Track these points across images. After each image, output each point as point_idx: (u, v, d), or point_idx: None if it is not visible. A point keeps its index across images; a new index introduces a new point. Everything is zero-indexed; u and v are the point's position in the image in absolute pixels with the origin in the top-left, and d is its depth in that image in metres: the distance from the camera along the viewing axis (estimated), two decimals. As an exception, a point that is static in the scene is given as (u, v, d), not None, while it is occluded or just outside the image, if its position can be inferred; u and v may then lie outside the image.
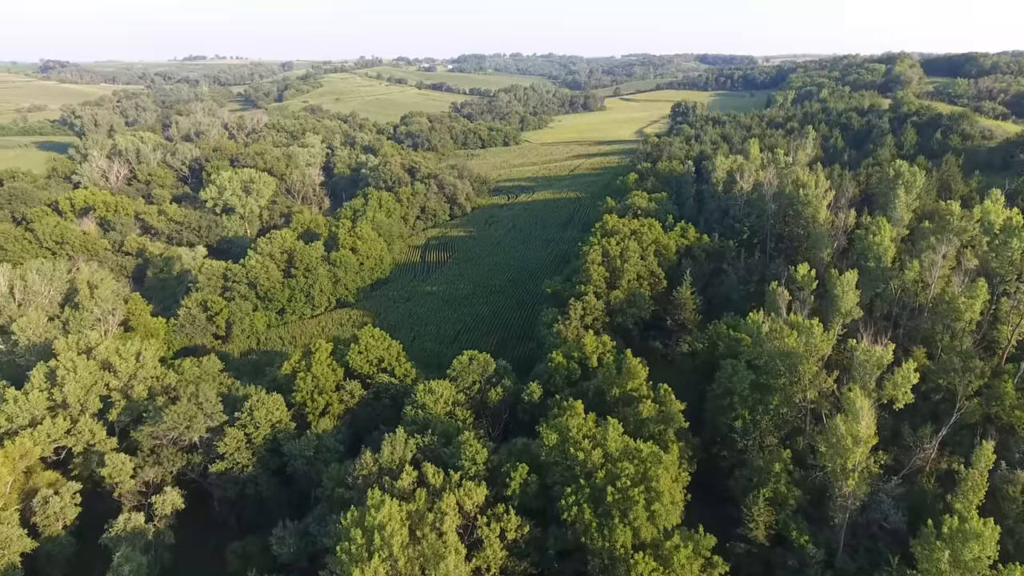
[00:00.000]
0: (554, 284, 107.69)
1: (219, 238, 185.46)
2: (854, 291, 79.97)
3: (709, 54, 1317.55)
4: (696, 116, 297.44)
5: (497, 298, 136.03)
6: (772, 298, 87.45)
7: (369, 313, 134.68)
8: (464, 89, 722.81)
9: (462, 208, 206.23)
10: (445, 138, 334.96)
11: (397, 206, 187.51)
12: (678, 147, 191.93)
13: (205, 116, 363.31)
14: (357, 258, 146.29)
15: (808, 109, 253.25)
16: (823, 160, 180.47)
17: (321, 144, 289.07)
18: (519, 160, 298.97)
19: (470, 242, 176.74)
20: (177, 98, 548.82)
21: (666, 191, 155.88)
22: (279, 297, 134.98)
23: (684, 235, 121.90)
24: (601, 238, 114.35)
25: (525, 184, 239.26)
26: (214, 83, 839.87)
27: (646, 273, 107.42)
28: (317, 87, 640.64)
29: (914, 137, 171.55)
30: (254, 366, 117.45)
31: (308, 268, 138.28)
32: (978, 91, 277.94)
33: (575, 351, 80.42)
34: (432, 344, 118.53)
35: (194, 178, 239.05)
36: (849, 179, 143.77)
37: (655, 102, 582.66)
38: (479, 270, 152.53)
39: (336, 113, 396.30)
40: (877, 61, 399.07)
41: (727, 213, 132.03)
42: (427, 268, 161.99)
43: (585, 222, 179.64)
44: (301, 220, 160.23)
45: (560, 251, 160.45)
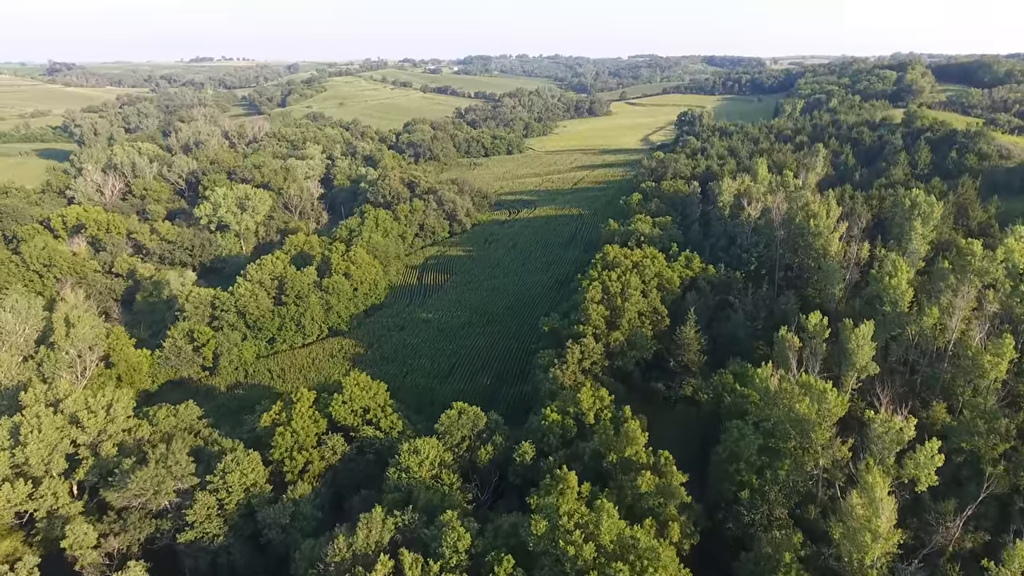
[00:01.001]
0: (552, 321, 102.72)
1: (213, 257, 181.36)
2: (870, 345, 74.74)
3: (716, 56, 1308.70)
4: (702, 126, 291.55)
5: (494, 328, 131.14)
6: (781, 346, 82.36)
7: (361, 343, 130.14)
8: (469, 92, 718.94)
9: (462, 225, 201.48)
10: (447, 147, 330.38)
11: (395, 224, 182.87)
12: (683, 164, 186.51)
13: (206, 124, 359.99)
14: (351, 283, 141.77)
15: (818, 121, 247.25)
16: (834, 178, 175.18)
17: (321, 155, 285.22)
18: (522, 170, 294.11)
19: (469, 263, 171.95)
20: (181, 103, 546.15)
21: (671, 214, 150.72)
22: (269, 326, 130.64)
23: (688, 266, 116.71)
24: (601, 271, 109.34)
25: (527, 198, 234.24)
26: (219, 86, 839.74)
27: (648, 310, 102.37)
28: (321, 91, 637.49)
29: (928, 156, 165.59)
30: (239, 403, 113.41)
31: (299, 296, 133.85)
32: (992, 102, 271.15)
33: (571, 406, 75.49)
34: (425, 380, 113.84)
35: (191, 191, 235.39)
36: (861, 203, 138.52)
37: (661, 107, 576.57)
38: (477, 295, 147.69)
39: (338, 120, 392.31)
40: (887, 67, 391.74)
41: (734, 241, 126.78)
42: (424, 291, 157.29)
43: (587, 241, 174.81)
44: (295, 242, 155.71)
45: (560, 275, 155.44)
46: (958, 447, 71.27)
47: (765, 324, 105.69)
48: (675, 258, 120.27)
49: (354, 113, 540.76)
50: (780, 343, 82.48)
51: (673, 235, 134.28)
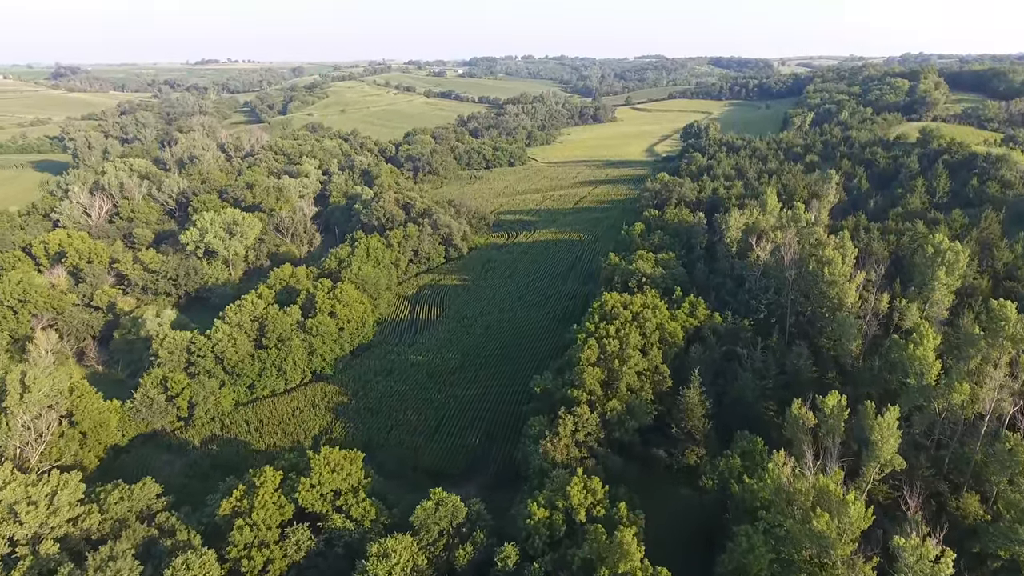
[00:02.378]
0: (543, 382, 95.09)
1: (198, 286, 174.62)
2: (896, 436, 66.81)
3: (723, 57, 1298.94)
4: (709, 139, 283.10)
5: (486, 373, 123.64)
6: (794, 426, 74.50)
7: (346, 390, 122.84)
8: (473, 97, 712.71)
9: (458, 249, 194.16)
10: (447, 160, 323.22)
11: (387, 252, 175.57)
12: (688, 189, 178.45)
13: (203, 136, 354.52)
14: (336, 323, 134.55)
15: (828, 137, 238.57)
16: (847, 205, 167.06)
17: (317, 170, 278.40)
18: (523, 185, 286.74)
19: (463, 294, 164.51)
20: (182, 110, 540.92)
21: (675, 247, 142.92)
22: (248, 372, 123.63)
23: (693, 313, 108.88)
24: (599, 322, 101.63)
25: (527, 218, 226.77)
26: (223, 90, 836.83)
27: (649, 369, 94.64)
28: (323, 97, 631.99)
29: (947, 183, 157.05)
30: (212, 461, 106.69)
31: (281, 338, 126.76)
32: (1010, 115, 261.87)
33: (559, 499, 67.89)
34: (410, 437, 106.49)
35: (181, 211, 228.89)
36: (877, 238, 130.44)
37: (667, 112, 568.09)
38: (470, 334, 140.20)
39: (337, 131, 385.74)
40: (899, 75, 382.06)
41: (741, 284, 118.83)
42: (415, 327, 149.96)
43: (587, 272, 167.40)
44: (280, 275, 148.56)
45: (557, 311, 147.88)
46: (994, 552, 63.50)
47: (775, 382, 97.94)
48: (679, 303, 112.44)
49: (355, 121, 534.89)
50: (793, 422, 74.55)
51: (677, 275, 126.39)
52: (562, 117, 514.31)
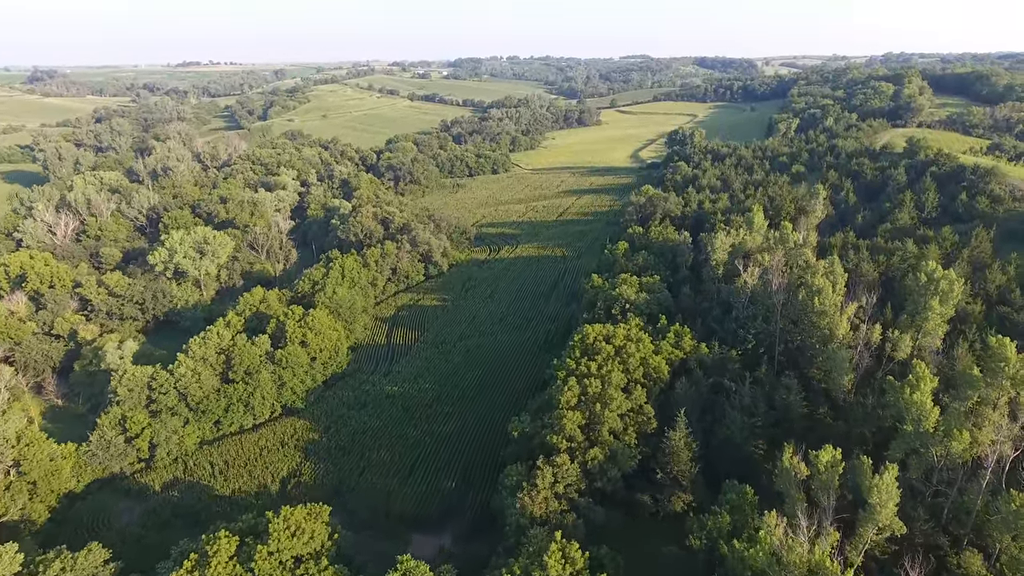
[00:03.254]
0: (521, 425, 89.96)
1: (167, 309, 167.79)
2: (895, 496, 62.37)
3: (708, 57, 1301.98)
4: (694, 147, 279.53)
5: (464, 406, 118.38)
6: (786, 478, 70.10)
7: (317, 426, 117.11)
8: (457, 100, 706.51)
9: (438, 266, 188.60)
10: (429, 168, 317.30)
11: (364, 271, 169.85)
12: (673, 203, 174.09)
13: (178, 144, 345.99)
14: (308, 352, 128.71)
15: (814, 145, 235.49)
16: (834, 219, 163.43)
17: (295, 181, 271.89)
18: (506, 194, 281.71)
19: (443, 316, 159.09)
20: (159, 116, 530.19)
21: (659, 267, 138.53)
22: (214, 408, 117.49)
23: (679, 344, 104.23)
24: (579, 358, 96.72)
25: (509, 231, 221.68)
26: (203, 94, 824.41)
27: (633, 409, 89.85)
28: (304, 102, 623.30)
29: (935, 198, 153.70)
30: (174, 509, 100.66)
31: (249, 371, 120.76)
32: (995, 121, 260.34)
33: (536, 569, 62.78)
34: (382, 480, 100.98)
35: (152, 227, 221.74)
36: (866, 258, 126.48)
37: (652, 115, 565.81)
38: (448, 361, 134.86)
39: (317, 139, 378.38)
40: (883, 78, 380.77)
41: (728, 311, 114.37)
42: (392, 353, 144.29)
43: (570, 291, 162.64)
44: (249, 301, 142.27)
45: (539, 335, 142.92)
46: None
47: (765, 420, 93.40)
48: (663, 332, 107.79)
49: (337, 126, 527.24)
50: (784, 475, 70.18)
51: (662, 300, 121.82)
52: (546, 121, 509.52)
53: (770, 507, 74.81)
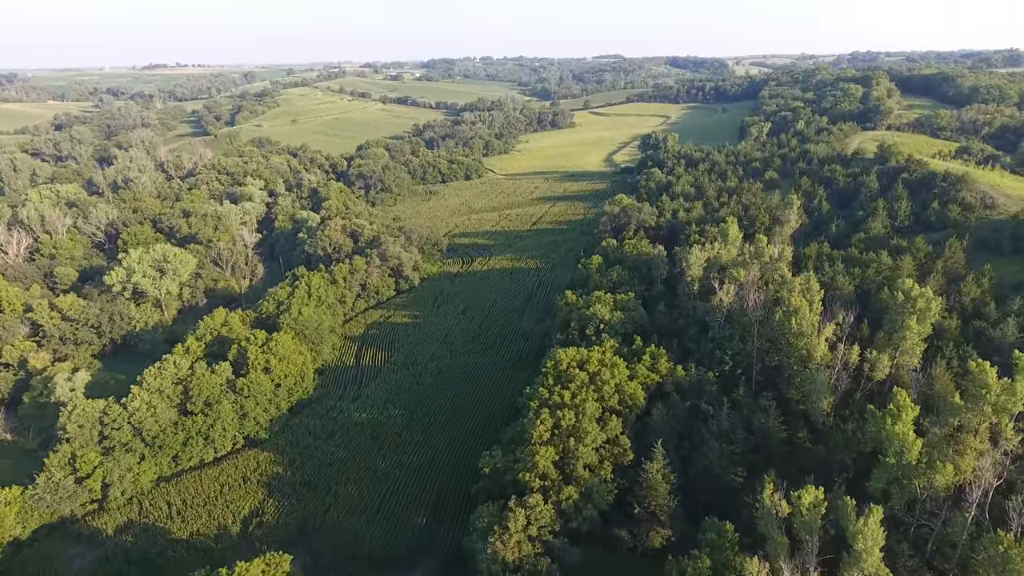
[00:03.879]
0: (493, 460, 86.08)
1: (125, 332, 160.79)
2: (880, 541, 59.79)
3: (680, 57, 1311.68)
4: (667, 152, 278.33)
5: (435, 433, 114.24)
6: (767, 518, 67.36)
7: (281, 458, 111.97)
8: (430, 102, 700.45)
9: (409, 281, 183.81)
10: (401, 175, 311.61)
11: (332, 289, 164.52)
12: (647, 214, 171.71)
13: (141, 153, 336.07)
14: (272, 379, 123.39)
15: (786, 150, 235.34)
16: (808, 228, 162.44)
17: (262, 191, 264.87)
18: (480, 202, 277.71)
19: (414, 333, 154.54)
20: (123, 122, 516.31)
21: (634, 281, 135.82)
22: (172, 443, 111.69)
23: (654, 367, 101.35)
24: (552, 385, 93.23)
25: (482, 242, 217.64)
26: (169, 98, 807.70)
27: (608, 441, 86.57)
28: (274, 106, 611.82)
29: (908, 206, 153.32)
30: (126, 555, 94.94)
31: (208, 402, 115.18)
32: (962, 123, 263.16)
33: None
34: (349, 517, 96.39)
35: (111, 243, 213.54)
36: (842, 272, 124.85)
37: (625, 117, 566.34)
38: (419, 384, 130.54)
39: (286, 146, 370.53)
40: (852, 80, 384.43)
41: (705, 330, 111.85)
42: (361, 376, 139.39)
43: (544, 305, 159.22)
44: (210, 325, 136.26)
45: (513, 353, 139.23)
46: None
47: (744, 446, 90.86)
48: (639, 354, 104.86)
49: (307, 131, 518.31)
50: (765, 515, 67.44)
51: (637, 318, 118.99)
52: (520, 124, 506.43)
53: (752, 544, 72.54)
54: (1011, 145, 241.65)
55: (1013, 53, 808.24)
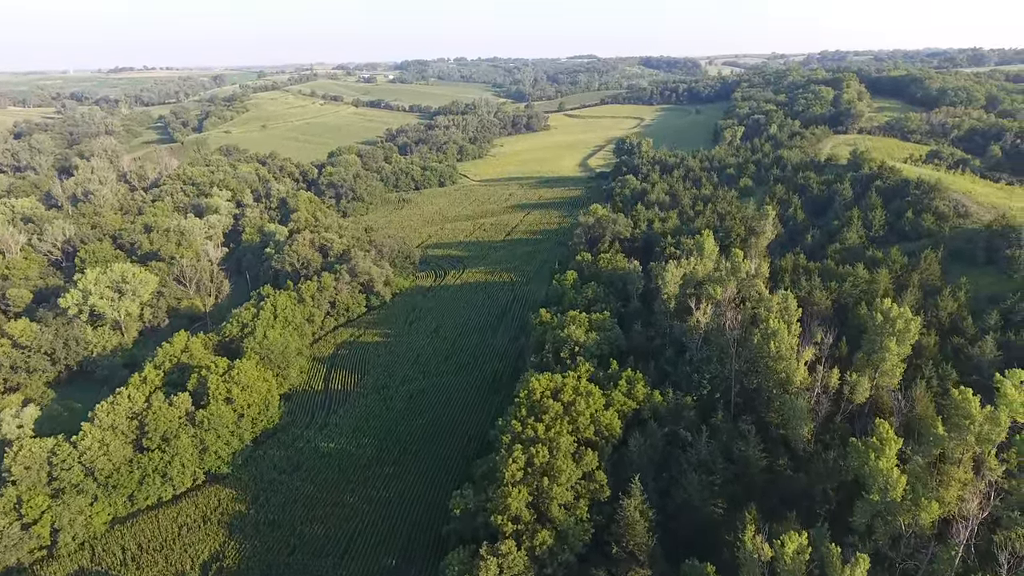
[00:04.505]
0: (463, 501, 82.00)
1: (81, 358, 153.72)
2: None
3: (653, 57, 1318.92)
4: (641, 157, 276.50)
5: (406, 465, 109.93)
6: (749, 562, 64.44)
7: (244, 494, 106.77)
8: (403, 106, 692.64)
9: (380, 297, 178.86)
10: (373, 184, 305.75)
11: (299, 308, 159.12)
12: (622, 225, 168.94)
13: (103, 163, 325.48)
14: (234, 409, 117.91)
15: (760, 156, 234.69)
16: (783, 238, 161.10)
17: (228, 203, 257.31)
18: (453, 210, 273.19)
19: (385, 354, 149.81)
20: (86, 129, 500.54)
21: (609, 301, 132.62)
22: (126, 482, 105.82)
23: (631, 393, 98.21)
24: (526, 417, 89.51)
25: (456, 253, 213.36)
26: (136, 103, 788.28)
27: (585, 475, 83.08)
28: (243, 111, 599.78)
29: (882, 216, 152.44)
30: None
31: (166, 437, 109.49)
32: (931, 127, 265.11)
33: None
34: (314, 560, 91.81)
35: (68, 261, 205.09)
36: (818, 286, 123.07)
37: (600, 119, 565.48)
38: (389, 410, 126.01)
39: (254, 154, 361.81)
40: (822, 82, 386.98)
41: (682, 352, 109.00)
42: (329, 401, 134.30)
43: (519, 321, 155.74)
44: (169, 352, 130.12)
45: (487, 374, 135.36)
46: None
47: (724, 475, 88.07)
48: (615, 379, 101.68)
49: (277, 137, 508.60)
50: (747, 559, 64.50)
51: (613, 339, 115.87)
52: (494, 128, 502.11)
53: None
54: (980, 148, 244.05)
55: (977, 52, 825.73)
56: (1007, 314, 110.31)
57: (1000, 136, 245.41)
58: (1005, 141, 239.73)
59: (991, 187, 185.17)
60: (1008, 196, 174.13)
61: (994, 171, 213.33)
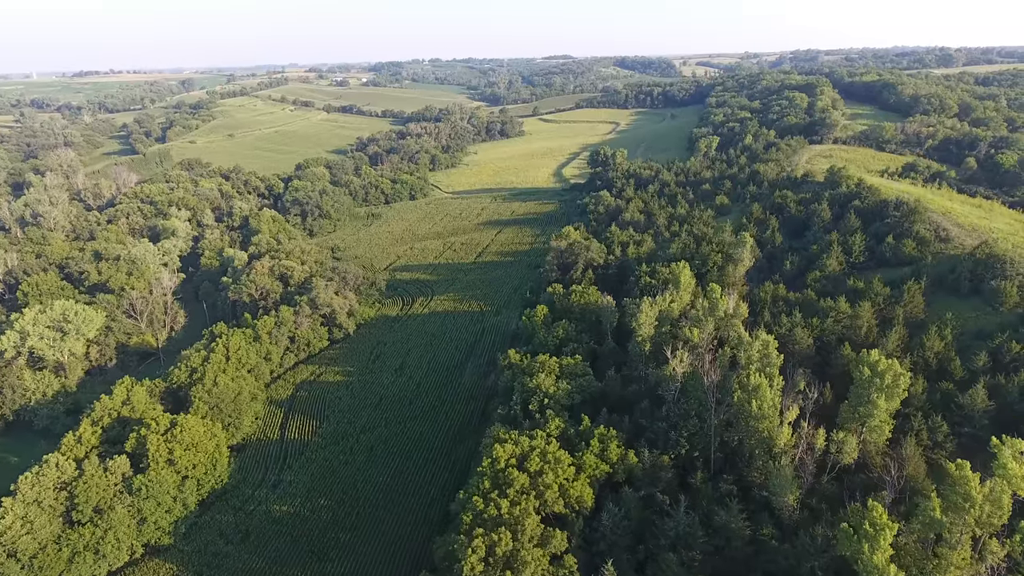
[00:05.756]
0: (421, 594, 74.46)
1: (18, 406, 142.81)
2: None
3: (628, 57, 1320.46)
4: (616, 171, 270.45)
5: (366, 531, 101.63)
6: None
7: (187, 571, 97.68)
8: (376, 111, 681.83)
9: (344, 329, 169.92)
10: (340, 199, 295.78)
11: (255, 346, 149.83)
12: (596, 252, 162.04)
13: (58, 179, 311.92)
14: (177, 471, 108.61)
15: (735, 170, 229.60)
16: (761, 264, 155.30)
17: (186, 224, 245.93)
18: (424, 227, 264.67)
19: (346, 396, 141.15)
20: (44, 141, 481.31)
21: (581, 341, 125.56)
22: (53, 561, 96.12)
23: (604, 454, 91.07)
24: (489, 491, 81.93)
25: (425, 277, 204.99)
26: (100, 109, 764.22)
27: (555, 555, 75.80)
28: (209, 119, 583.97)
29: (862, 241, 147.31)
30: None
31: (100, 509, 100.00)
32: (906, 136, 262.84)
33: None
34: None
35: (10, 293, 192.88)
36: (799, 323, 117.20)
37: (574, 124, 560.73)
38: (348, 464, 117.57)
39: (217, 168, 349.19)
40: (796, 88, 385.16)
41: (658, 403, 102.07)
42: (285, 452, 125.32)
43: (489, 355, 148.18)
44: (108, 405, 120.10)
45: (454, 421, 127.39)
46: None
47: (703, 548, 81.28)
48: (587, 437, 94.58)
49: (244, 147, 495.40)
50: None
51: (585, 386, 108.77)
52: (468, 135, 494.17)
53: None
54: (955, 157, 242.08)
55: (944, 52, 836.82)
56: (995, 354, 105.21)
57: (974, 146, 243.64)
58: (979, 151, 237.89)
59: (969, 204, 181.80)
60: (988, 215, 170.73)
61: (970, 184, 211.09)
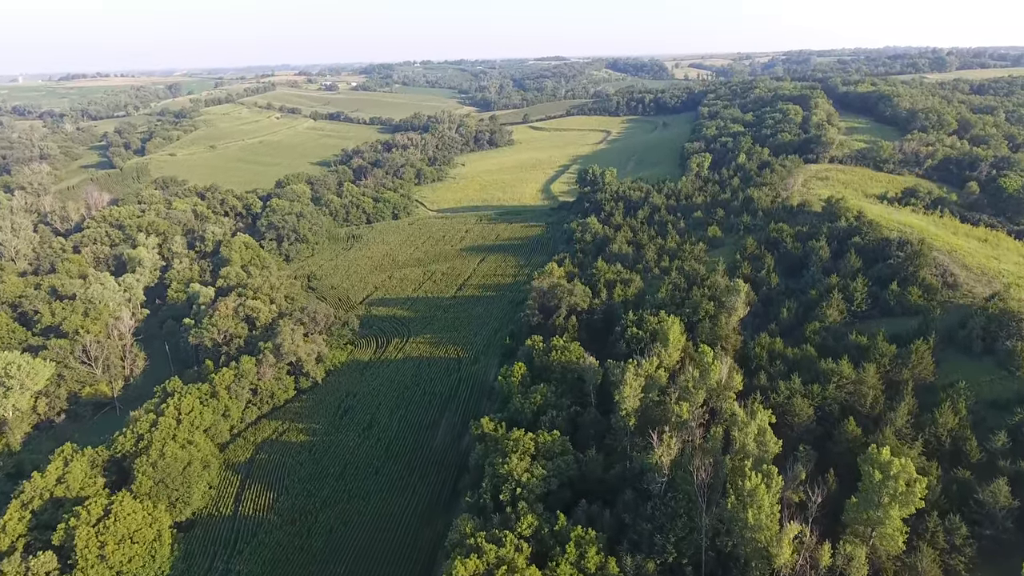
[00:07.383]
0: None
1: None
2: None
3: (619, 59, 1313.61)
4: (604, 191, 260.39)
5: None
6: None
7: None
8: (364, 118, 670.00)
9: (312, 377, 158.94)
10: (319, 221, 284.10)
11: (211, 404, 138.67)
12: (580, 296, 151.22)
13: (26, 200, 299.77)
14: (109, 568, 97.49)
15: (728, 196, 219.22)
16: (757, 309, 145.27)
17: (153, 253, 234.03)
18: (404, 252, 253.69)
19: (308, 463, 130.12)
20: (20, 153, 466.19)
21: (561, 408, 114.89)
22: None
23: (580, 563, 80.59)
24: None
25: (401, 313, 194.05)
26: (82, 116, 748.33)
27: None
28: (192, 129, 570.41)
29: (864, 288, 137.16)
30: None
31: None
32: (904, 156, 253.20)
33: None
34: None
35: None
36: (799, 391, 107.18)
37: (565, 132, 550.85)
38: (304, 551, 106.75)
39: (193, 186, 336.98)
40: (790, 99, 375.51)
41: (644, 498, 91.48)
42: (238, 534, 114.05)
43: (464, 414, 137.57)
44: (40, 485, 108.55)
45: (423, 495, 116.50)
46: None
47: None
48: (563, 540, 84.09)
49: (227, 158, 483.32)
50: None
51: (563, 469, 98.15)
52: (456, 145, 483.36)
53: None
54: (955, 178, 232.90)
55: (936, 54, 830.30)
56: (1015, 432, 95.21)
57: (975, 166, 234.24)
58: (980, 172, 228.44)
59: (974, 237, 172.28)
60: (995, 251, 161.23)
61: (973, 211, 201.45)
